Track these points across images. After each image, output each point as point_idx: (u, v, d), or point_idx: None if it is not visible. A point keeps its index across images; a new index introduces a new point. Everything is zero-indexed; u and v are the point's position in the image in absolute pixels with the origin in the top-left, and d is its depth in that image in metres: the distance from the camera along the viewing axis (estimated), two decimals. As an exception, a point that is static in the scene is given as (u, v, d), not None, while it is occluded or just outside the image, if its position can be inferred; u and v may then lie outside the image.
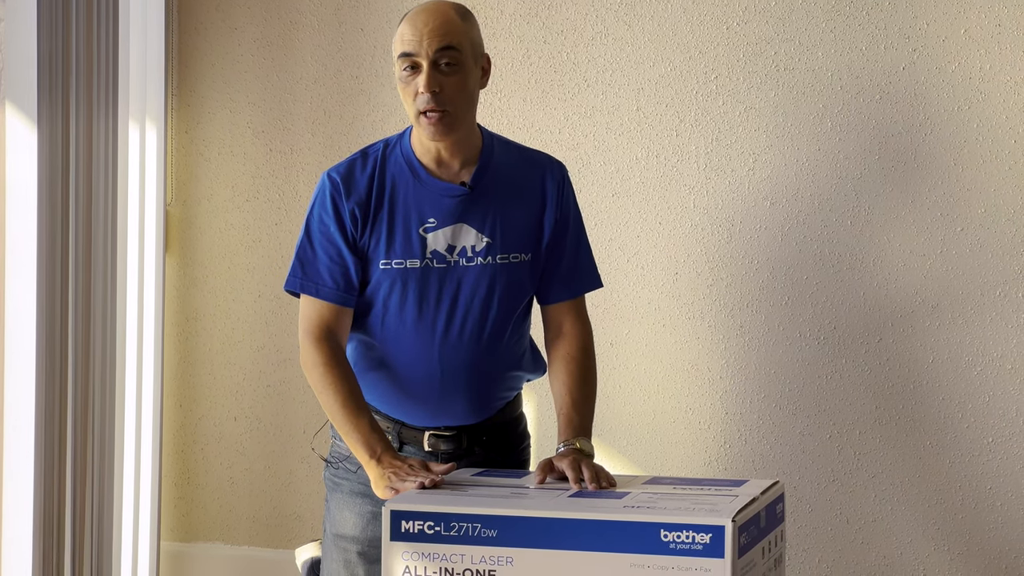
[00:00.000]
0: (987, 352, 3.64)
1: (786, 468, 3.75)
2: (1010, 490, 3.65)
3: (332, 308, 2.81)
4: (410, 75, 2.73)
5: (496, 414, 2.90)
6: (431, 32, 2.71)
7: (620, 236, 3.82)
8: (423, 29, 2.71)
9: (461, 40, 2.74)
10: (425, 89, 2.70)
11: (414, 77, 2.72)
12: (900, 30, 3.64)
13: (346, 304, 2.82)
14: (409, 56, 2.72)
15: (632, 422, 3.83)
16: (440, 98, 2.71)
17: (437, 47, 2.71)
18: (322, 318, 2.81)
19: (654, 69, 3.78)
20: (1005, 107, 3.60)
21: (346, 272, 2.81)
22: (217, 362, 4.11)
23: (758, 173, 3.73)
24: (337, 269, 2.81)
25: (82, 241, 3.61)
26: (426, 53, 2.70)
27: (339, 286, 2.81)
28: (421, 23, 2.72)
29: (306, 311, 2.83)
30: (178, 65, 4.07)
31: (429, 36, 2.71)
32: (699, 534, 2.29)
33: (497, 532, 2.36)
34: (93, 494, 3.69)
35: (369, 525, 2.84)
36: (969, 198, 3.63)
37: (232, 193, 4.08)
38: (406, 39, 2.72)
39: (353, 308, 2.83)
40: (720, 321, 3.78)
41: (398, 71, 2.74)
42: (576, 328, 2.91)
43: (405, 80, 2.73)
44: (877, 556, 3.73)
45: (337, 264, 2.81)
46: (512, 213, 2.84)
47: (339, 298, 2.81)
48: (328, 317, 2.81)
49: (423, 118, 2.73)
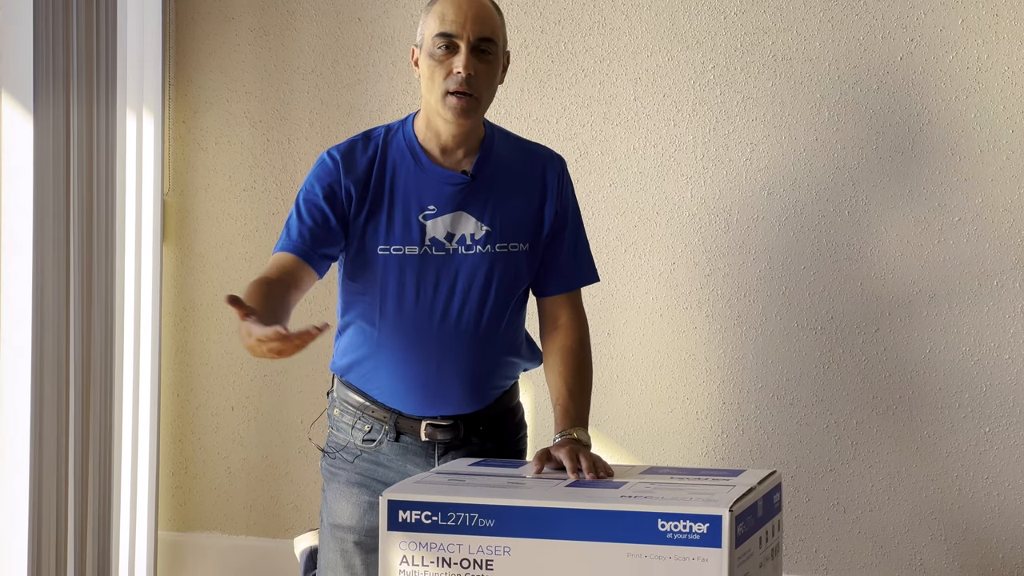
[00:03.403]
0: (984, 342, 3.64)
1: (783, 458, 3.75)
2: (1006, 479, 3.65)
3: (292, 259, 2.73)
4: (445, 55, 2.74)
5: (493, 403, 2.90)
6: (475, 18, 2.74)
7: (617, 226, 3.82)
8: (468, 12, 2.74)
9: (497, 33, 2.78)
10: (464, 70, 2.72)
11: (448, 57, 2.73)
12: (898, 20, 3.64)
13: (307, 260, 2.74)
14: (448, 36, 2.73)
15: (629, 412, 3.83)
16: (472, 82, 2.73)
17: (479, 35, 2.74)
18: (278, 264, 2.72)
19: (651, 59, 3.78)
20: (1002, 97, 3.60)
21: (323, 237, 2.76)
22: (214, 352, 4.11)
23: (755, 163, 3.73)
24: (317, 231, 2.76)
25: (79, 231, 3.61)
26: (467, 37, 2.73)
27: (305, 242, 2.75)
28: (466, 6, 2.74)
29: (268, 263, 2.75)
30: (175, 55, 4.07)
31: (472, 21, 2.73)
32: (696, 524, 2.29)
33: (494, 522, 2.37)
34: (91, 484, 3.69)
35: (366, 515, 2.85)
36: (966, 188, 3.63)
37: (229, 183, 4.08)
38: (448, 19, 2.73)
39: (316, 272, 2.76)
40: (717, 311, 3.78)
41: (429, 47, 2.74)
42: (573, 320, 2.91)
43: (438, 58, 2.74)
44: (874, 545, 3.74)
45: (320, 228, 2.77)
46: (512, 203, 2.85)
47: (302, 252, 2.74)
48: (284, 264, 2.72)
49: (451, 98, 2.74)
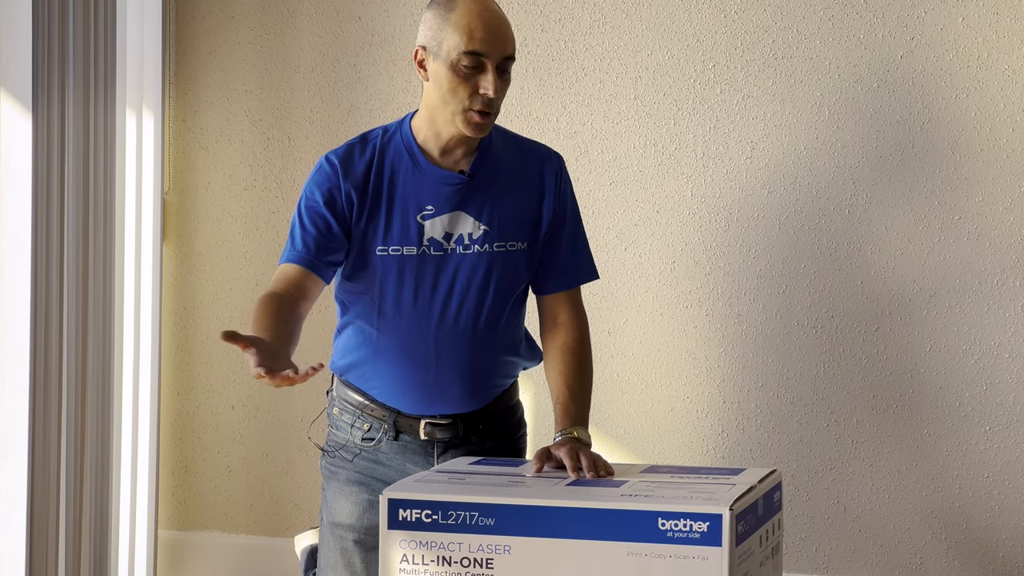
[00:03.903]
0: (984, 340, 3.64)
1: (784, 456, 3.75)
2: (1007, 478, 3.65)
3: (299, 271, 2.76)
4: (472, 73, 2.73)
5: (492, 402, 2.90)
6: (503, 38, 2.73)
7: (618, 225, 3.81)
8: (497, 31, 2.73)
9: (515, 51, 2.79)
10: (492, 93, 2.72)
11: (475, 75, 2.72)
12: (898, 19, 3.63)
13: (314, 270, 2.76)
14: (477, 56, 2.71)
15: (630, 410, 3.83)
16: (494, 102, 2.74)
17: (505, 54, 2.74)
18: (286, 277, 2.75)
19: (652, 58, 3.78)
20: (1003, 96, 3.59)
21: (326, 244, 2.78)
22: (214, 350, 4.10)
23: (756, 162, 3.73)
24: (320, 239, 2.78)
25: (79, 230, 3.61)
26: (496, 57, 2.73)
27: (310, 252, 2.77)
28: (496, 25, 2.73)
29: (274, 276, 2.78)
30: (175, 53, 4.07)
31: (501, 41, 2.73)
32: (697, 522, 2.29)
33: (495, 520, 2.36)
34: (91, 482, 3.69)
35: (365, 513, 2.85)
36: (967, 187, 3.62)
37: (230, 182, 4.07)
38: (478, 37, 2.71)
39: (323, 279, 2.79)
40: (717, 310, 3.78)
41: (453, 62, 2.72)
42: (573, 319, 2.91)
43: (464, 75, 2.72)
44: (874, 544, 3.74)
45: (323, 235, 2.79)
46: (510, 202, 2.85)
47: (308, 262, 2.76)
48: (293, 276, 2.75)
49: (472, 114, 2.74)
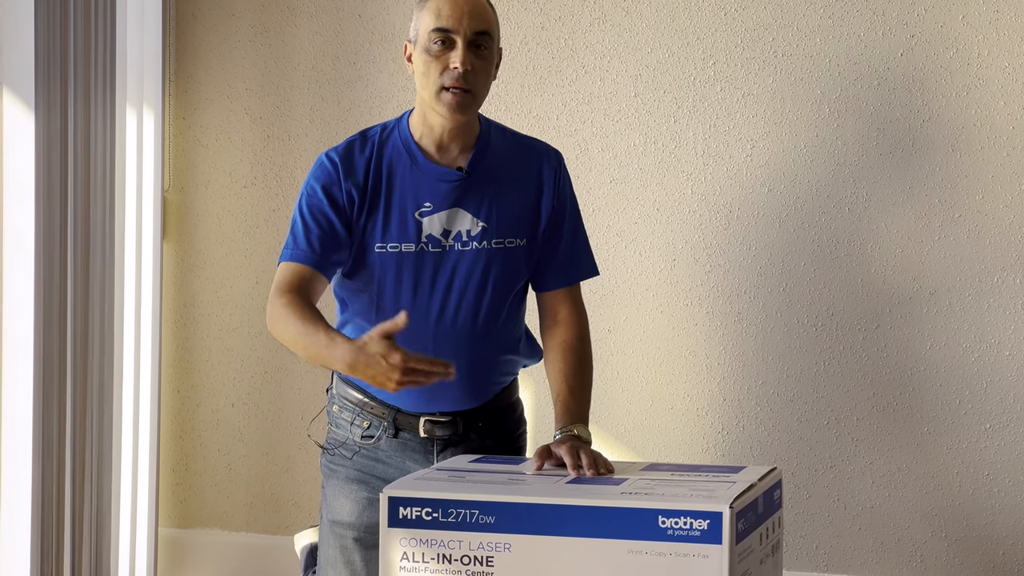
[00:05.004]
0: (985, 339, 3.64)
1: (784, 454, 3.75)
2: (1007, 476, 3.65)
3: (307, 270, 2.76)
4: (441, 50, 2.74)
5: (492, 400, 2.90)
6: (471, 13, 2.75)
7: (618, 223, 3.81)
8: (464, 8, 2.75)
9: (492, 28, 2.79)
10: (460, 65, 2.73)
11: (445, 52, 2.74)
12: (898, 16, 3.63)
13: (320, 269, 2.77)
14: (445, 31, 2.74)
15: (630, 408, 3.83)
16: (468, 77, 2.74)
17: (475, 29, 2.75)
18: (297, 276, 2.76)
19: (652, 55, 3.78)
20: (1003, 93, 3.59)
21: (331, 243, 2.79)
22: (215, 348, 4.11)
23: (756, 159, 3.73)
24: (325, 238, 2.79)
25: (80, 228, 3.61)
26: (464, 32, 2.74)
27: (315, 251, 2.78)
28: (462, 1, 2.75)
29: (280, 275, 2.78)
30: (175, 52, 4.07)
31: (469, 16, 2.75)
32: (697, 520, 2.29)
33: (495, 518, 2.36)
34: (91, 480, 3.69)
35: (365, 511, 2.85)
36: (967, 185, 3.62)
37: (230, 180, 4.07)
38: (444, 14, 2.74)
39: (328, 278, 2.80)
40: (718, 308, 3.78)
41: (425, 43, 2.75)
42: (572, 316, 2.90)
43: (434, 54, 2.75)
44: (874, 542, 3.74)
45: (327, 234, 2.79)
46: (508, 198, 2.84)
47: (314, 262, 2.77)
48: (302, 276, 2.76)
49: (446, 93, 2.75)
